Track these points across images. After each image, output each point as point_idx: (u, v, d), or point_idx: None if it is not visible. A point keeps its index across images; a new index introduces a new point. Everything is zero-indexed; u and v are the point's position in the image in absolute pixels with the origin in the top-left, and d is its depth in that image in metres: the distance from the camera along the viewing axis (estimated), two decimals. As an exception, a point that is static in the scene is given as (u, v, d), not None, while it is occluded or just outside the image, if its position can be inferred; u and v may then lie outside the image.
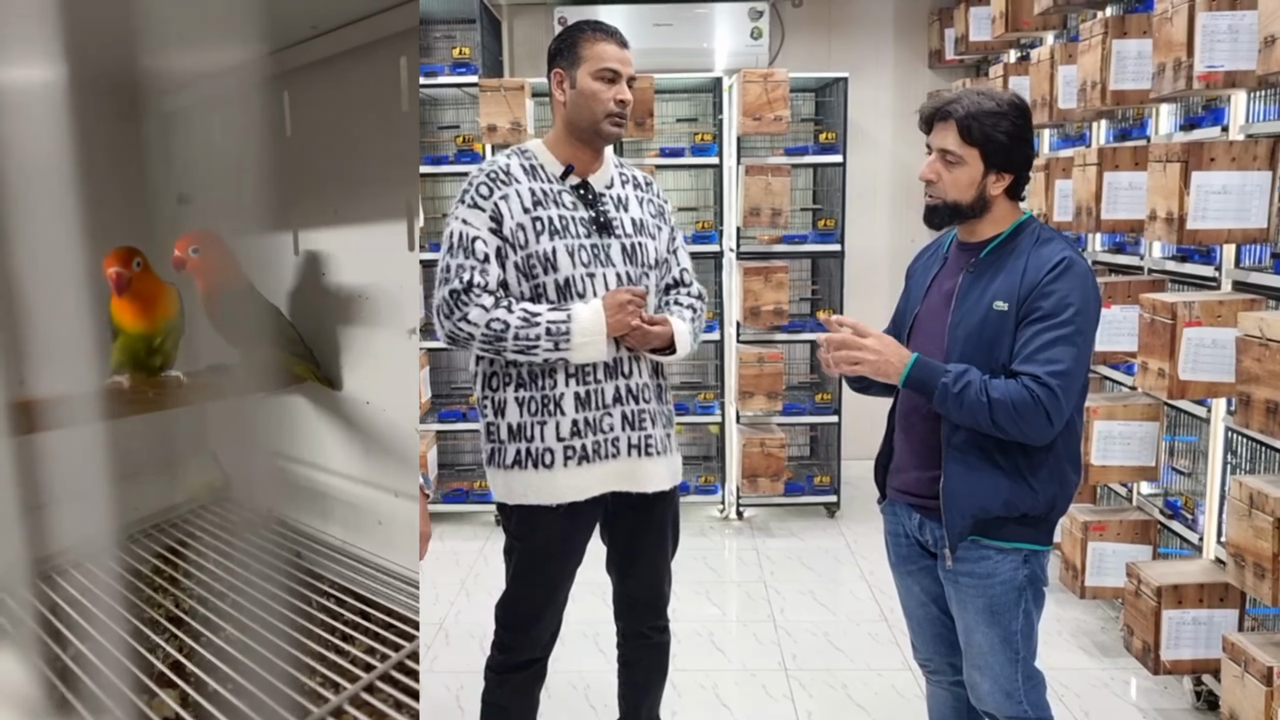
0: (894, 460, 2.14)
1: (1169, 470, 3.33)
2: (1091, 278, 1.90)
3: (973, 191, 1.93)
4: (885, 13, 5.40)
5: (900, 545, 2.16)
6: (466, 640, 3.53)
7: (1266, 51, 2.37)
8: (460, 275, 2.10)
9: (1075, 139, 3.95)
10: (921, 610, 2.17)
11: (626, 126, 2.23)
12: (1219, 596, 2.86)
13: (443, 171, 4.75)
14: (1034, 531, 1.96)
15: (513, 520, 2.24)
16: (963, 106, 1.91)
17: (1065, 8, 3.73)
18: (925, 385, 1.89)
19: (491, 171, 2.17)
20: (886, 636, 3.55)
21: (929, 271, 2.09)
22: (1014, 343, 1.87)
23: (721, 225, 4.81)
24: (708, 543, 4.57)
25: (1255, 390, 2.38)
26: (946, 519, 1.95)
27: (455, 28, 5.06)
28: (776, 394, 4.59)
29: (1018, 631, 1.98)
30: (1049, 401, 1.81)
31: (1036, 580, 1.99)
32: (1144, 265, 3.40)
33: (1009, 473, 1.91)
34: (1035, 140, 2.46)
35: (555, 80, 2.19)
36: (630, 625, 2.39)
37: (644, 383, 2.22)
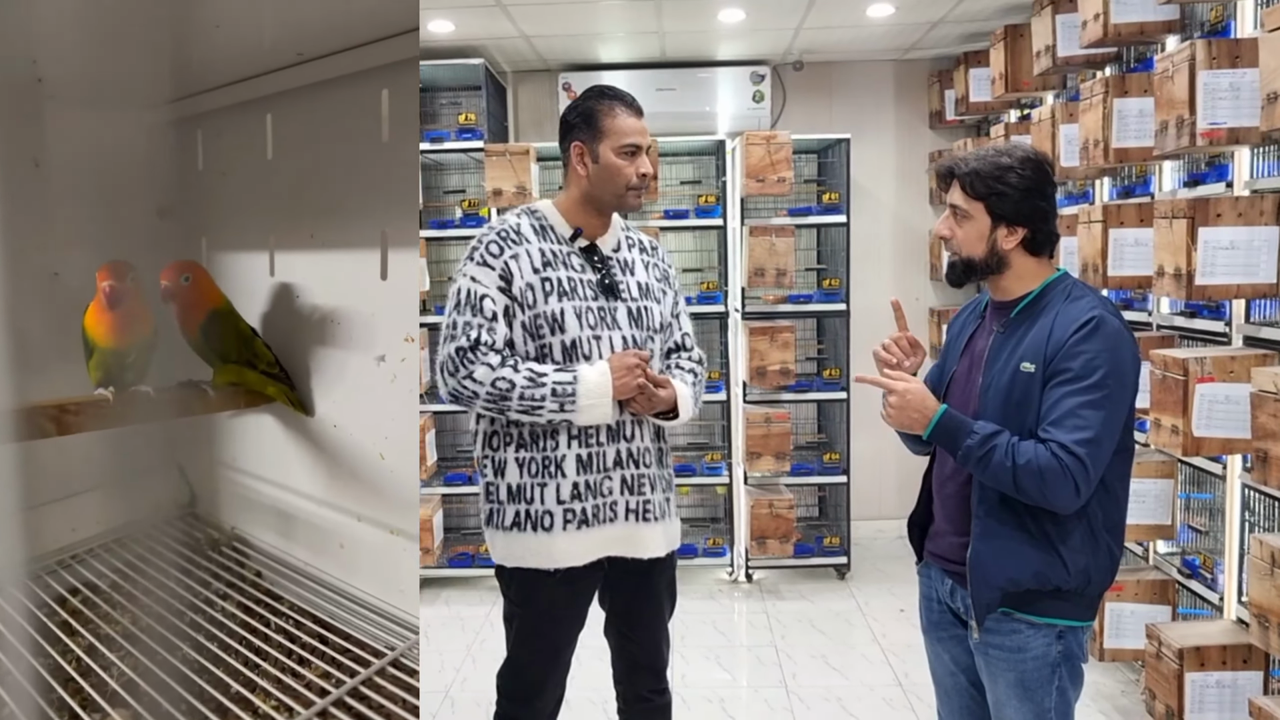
0: (933, 524, 2.07)
1: (1186, 529, 3.29)
2: (1126, 336, 1.82)
3: (983, 246, 1.89)
4: (885, 75, 5.46)
5: (932, 610, 2.08)
6: (472, 708, 3.46)
7: (1269, 108, 2.38)
8: (467, 333, 2.08)
9: (1079, 196, 3.96)
10: (950, 679, 2.09)
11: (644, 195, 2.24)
12: (1242, 658, 2.79)
13: (448, 235, 4.78)
14: (1069, 606, 1.87)
15: (512, 586, 2.21)
16: (967, 162, 1.90)
17: (1064, 68, 3.77)
18: (950, 441, 1.84)
19: (502, 230, 2.17)
20: (901, 702, 3.47)
21: (966, 331, 2.04)
22: (1040, 404, 1.81)
23: (726, 286, 4.82)
24: (717, 606, 4.50)
25: (1272, 446, 2.35)
26: (973, 589, 1.88)
27: (461, 94, 5.13)
28: (784, 454, 4.55)
29: (1051, 709, 1.89)
30: (1077, 471, 1.74)
31: (1072, 657, 1.90)
32: (1152, 321, 3.38)
33: (1038, 542, 1.84)
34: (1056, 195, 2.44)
35: (575, 153, 2.19)
36: (631, 689, 2.35)
37: (645, 446, 2.19)
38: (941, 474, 2.02)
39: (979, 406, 1.89)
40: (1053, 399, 1.79)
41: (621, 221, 2.33)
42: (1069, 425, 1.76)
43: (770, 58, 5.28)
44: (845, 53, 5.28)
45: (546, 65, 5.31)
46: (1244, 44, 2.65)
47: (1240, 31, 2.86)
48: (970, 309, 2.09)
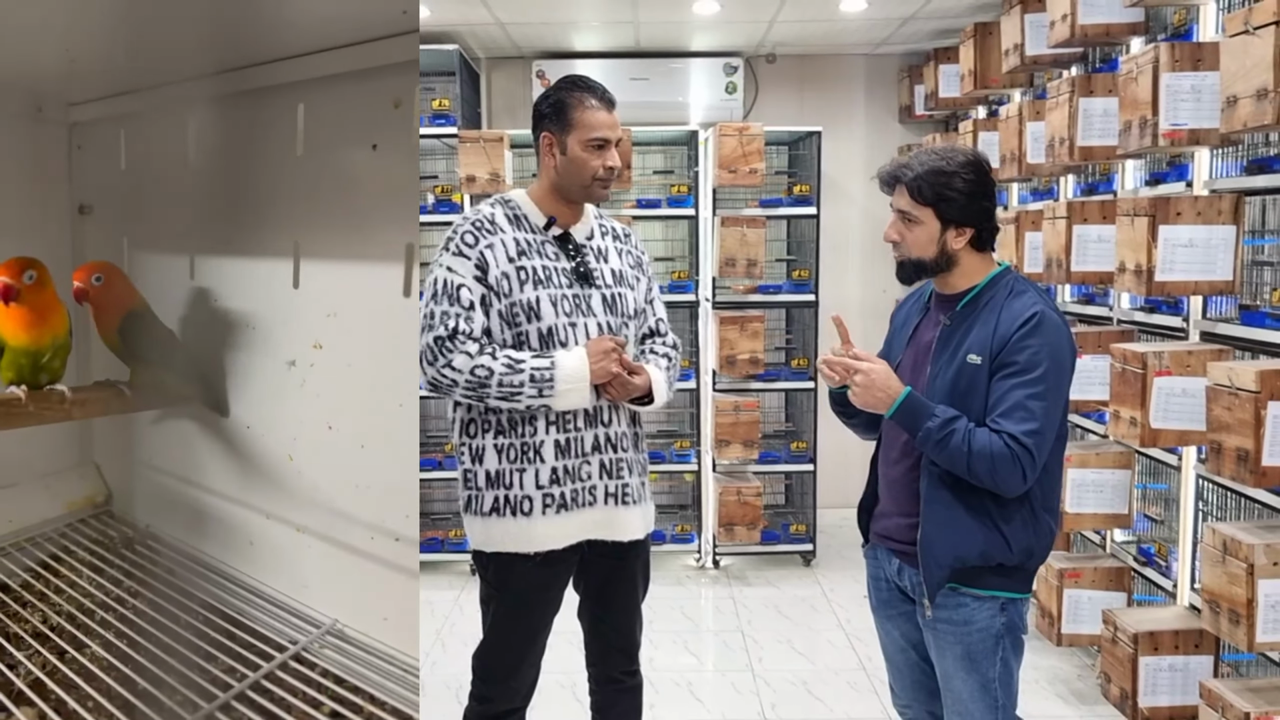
0: (878, 505, 2.17)
1: (1142, 518, 3.38)
2: (1064, 330, 1.95)
3: (934, 248, 1.99)
4: (857, 69, 5.52)
5: (881, 590, 2.18)
6: (442, 691, 3.49)
7: (1229, 111, 2.46)
8: (445, 322, 2.11)
9: (1044, 193, 4.04)
10: (901, 655, 2.18)
11: (612, 186, 2.27)
12: (1194, 643, 2.89)
13: (421, 221, 4.78)
14: (1010, 580, 1.99)
15: (490, 569, 2.23)
16: (913, 169, 1.97)
17: (1032, 67, 3.84)
18: (912, 422, 1.93)
19: (477, 221, 2.20)
20: (865, 685, 3.54)
21: (910, 322, 2.13)
22: (988, 394, 1.92)
23: (697, 275, 4.86)
24: (684, 592, 4.56)
25: (1225, 438, 2.43)
26: (924, 568, 1.98)
27: (435, 80, 5.11)
28: (752, 442, 4.61)
29: (995, 679, 2.00)
30: (1025, 459, 1.86)
31: (1014, 628, 2.01)
32: (1113, 316, 3.47)
33: (983, 522, 1.94)
34: (1001, 193, 2.52)
35: (545, 144, 2.22)
36: (603, 671, 2.38)
37: (622, 431, 2.23)
38: (888, 458, 2.12)
39: (926, 393, 1.98)
40: (1000, 391, 1.90)
41: (595, 210, 2.36)
42: (1017, 417, 1.87)
43: (744, 50, 5.32)
44: (818, 46, 5.33)
45: (521, 53, 5.32)
46: (1206, 48, 2.72)
47: (1203, 35, 2.94)
48: (914, 299, 2.18)
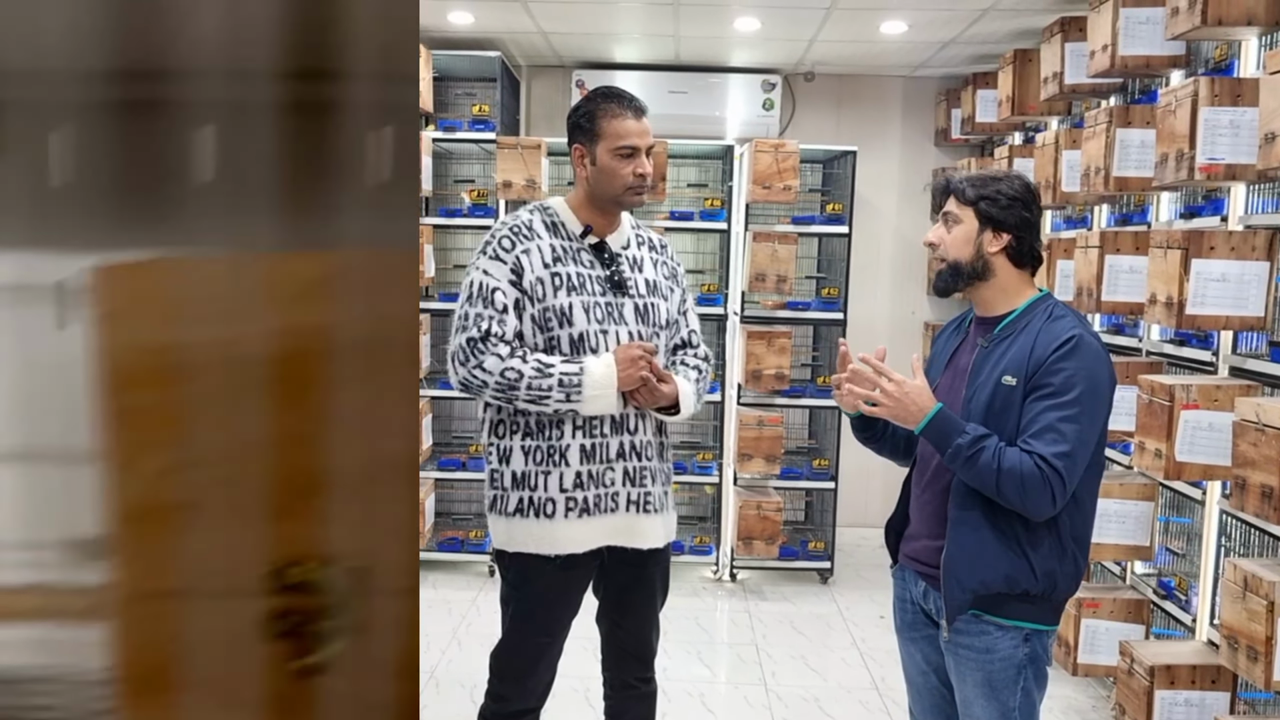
0: (908, 527, 2.16)
1: (1163, 551, 3.37)
2: (1103, 356, 1.93)
3: (970, 249, 1.99)
4: (894, 90, 5.54)
5: (906, 612, 2.17)
6: (456, 689, 3.52)
7: (1266, 148, 2.46)
8: (478, 324, 2.15)
9: (1077, 221, 4.04)
10: (922, 678, 2.18)
11: (647, 194, 2.30)
12: (1211, 678, 2.87)
13: (456, 224, 4.84)
14: (1036, 610, 1.97)
15: (511, 569, 2.27)
16: (961, 178, 2.03)
17: (1070, 95, 3.85)
18: (942, 438, 1.92)
19: (515, 226, 2.24)
20: (877, 705, 3.54)
21: (949, 346, 2.14)
22: (1020, 416, 1.91)
23: (727, 289, 4.89)
24: (700, 604, 4.57)
25: (1250, 474, 2.43)
26: (945, 589, 1.97)
27: (476, 85, 5.19)
28: (774, 457, 4.62)
29: (1016, 709, 1.98)
30: (1054, 481, 1.85)
31: (1038, 659, 1.99)
32: (1142, 347, 3.46)
33: (1009, 547, 1.93)
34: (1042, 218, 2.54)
35: (576, 155, 2.26)
36: (618, 676, 2.41)
37: (647, 440, 2.26)
38: (920, 480, 2.12)
39: (962, 415, 1.98)
40: (1032, 413, 1.90)
41: (632, 219, 2.39)
42: (1048, 439, 1.86)
43: (782, 67, 5.35)
44: (856, 66, 5.35)
45: (561, 62, 5.38)
46: (1246, 83, 2.73)
47: (1243, 71, 2.94)
48: (954, 325, 2.19)
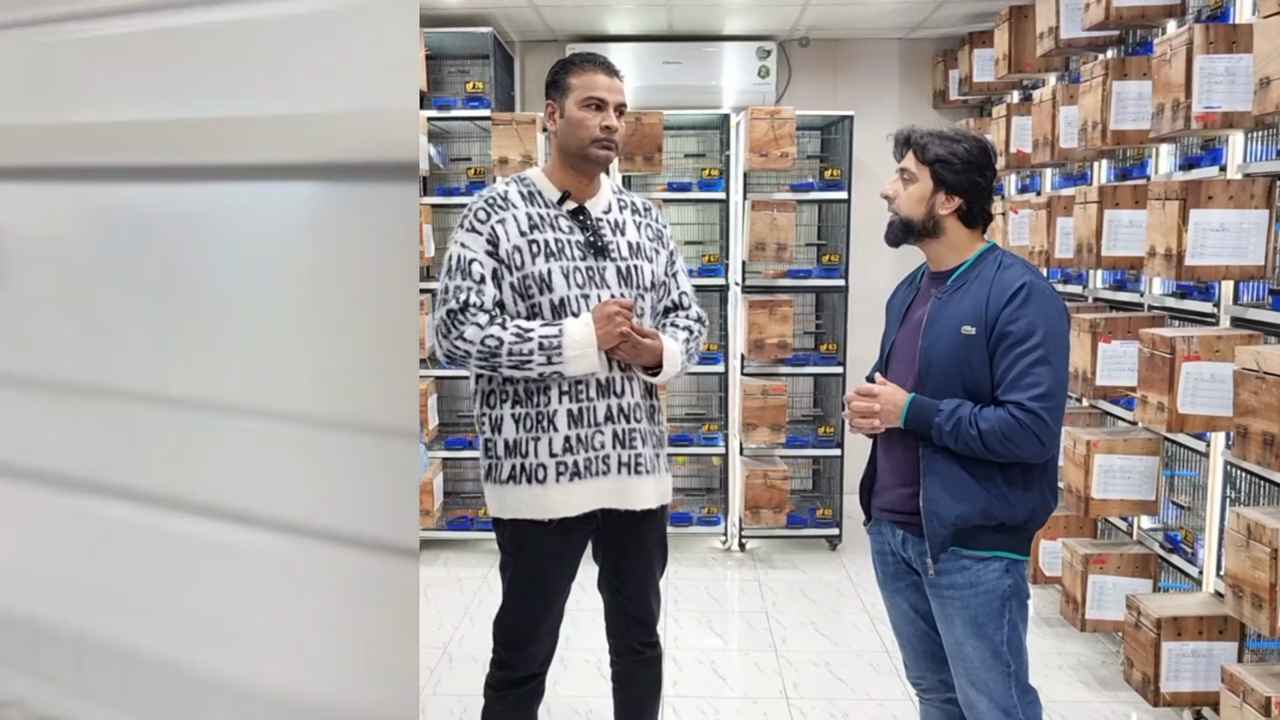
0: (877, 480, 2.22)
1: (1169, 504, 3.36)
2: (1054, 298, 2.01)
3: (922, 208, 2.08)
4: (890, 53, 5.50)
5: (886, 564, 2.22)
6: (469, 664, 3.55)
7: (1262, 93, 2.44)
8: (457, 296, 2.18)
9: (1077, 178, 4.02)
10: (910, 627, 2.23)
11: (615, 151, 2.29)
12: (1218, 629, 2.88)
13: (453, 202, 4.83)
14: (1013, 539, 2.05)
15: (507, 535, 2.29)
16: (922, 133, 2.09)
17: (1066, 50, 3.81)
18: (923, 424, 2.01)
19: (490, 197, 2.26)
20: (888, 667, 3.56)
21: (904, 301, 2.22)
22: (991, 368, 1.98)
23: (727, 259, 4.88)
24: (710, 573, 4.59)
25: (1252, 423, 2.42)
26: (927, 529, 2.02)
27: (469, 63, 5.16)
28: (780, 426, 4.63)
29: (1004, 643, 2.04)
30: (1035, 425, 1.92)
31: (1020, 590, 2.07)
32: (1144, 301, 3.45)
33: (985, 483, 2.00)
34: (999, 185, 2.56)
35: (548, 111, 2.30)
36: (622, 642, 2.43)
37: (635, 402, 2.27)
38: (888, 434, 2.16)
39: (921, 365, 2.06)
40: (1003, 365, 1.97)
41: (614, 184, 2.40)
42: (1024, 385, 1.94)
43: (777, 33, 5.31)
44: (851, 30, 5.31)
45: (554, 36, 5.35)
46: (1241, 29, 2.70)
47: (1238, 17, 2.91)
48: (906, 282, 2.28)
